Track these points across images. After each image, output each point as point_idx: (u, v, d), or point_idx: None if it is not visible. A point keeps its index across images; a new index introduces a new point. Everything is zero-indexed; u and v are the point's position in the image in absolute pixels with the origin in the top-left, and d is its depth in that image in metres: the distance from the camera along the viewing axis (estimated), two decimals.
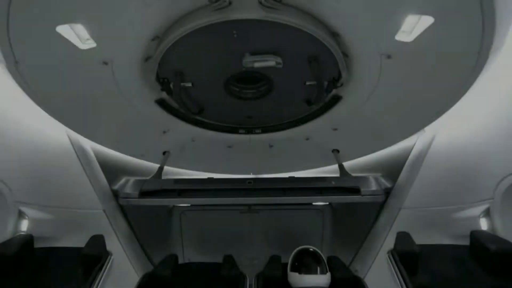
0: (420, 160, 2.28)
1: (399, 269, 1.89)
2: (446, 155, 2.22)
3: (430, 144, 2.24)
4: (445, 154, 2.22)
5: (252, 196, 2.43)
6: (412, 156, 2.40)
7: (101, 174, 2.50)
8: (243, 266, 3.22)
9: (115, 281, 2.51)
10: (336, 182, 2.45)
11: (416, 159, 2.34)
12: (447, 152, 2.21)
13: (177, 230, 3.43)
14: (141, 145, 2.69)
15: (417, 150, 2.36)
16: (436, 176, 2.26)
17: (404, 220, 2.42)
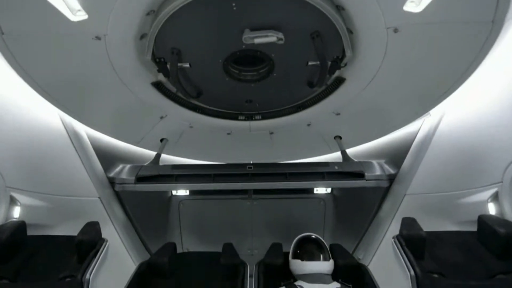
0: (426, 145, 2.21)
1: (405, 254, 1.82)
2: (452, 138, 2.14)
3: (436, 127, 2.17)
4: (452, 137, 2.14)
5: (253, 181, 2.35)
6: (417, 140, 2.33)
7: (96, 161, 2.42)
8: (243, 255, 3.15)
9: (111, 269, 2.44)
10: (340, 167, 2.38)
11: (421, 143, 2.27)
12: (454, 135, 2.14)
13: (176, 219, 3.36)
14: (137, 131, 2.61)
15: (422, 134, 2.29)
16: (442, 160, 2.19)
17: (409, 206, 2.35)
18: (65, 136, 2.17)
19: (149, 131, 2.63)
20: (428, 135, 2.20)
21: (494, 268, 1.87)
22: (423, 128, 2.29)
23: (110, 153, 2.69)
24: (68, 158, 2.21)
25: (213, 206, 3.37)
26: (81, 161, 2.22)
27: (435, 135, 2.15)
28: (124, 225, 2.58)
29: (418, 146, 2.29)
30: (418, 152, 2.26)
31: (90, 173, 2.29)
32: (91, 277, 1.70)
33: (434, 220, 2.31)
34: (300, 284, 1.94)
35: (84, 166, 2.25)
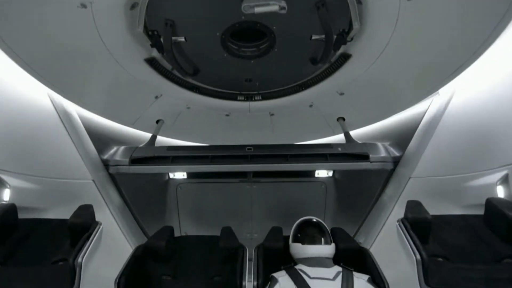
0: (434, 125, 2.11)
1: (411, 237, 1.75)
2: (462, 118, 2.04)
3: (446, 107, 2.06)
4: (461, 117, 2.04)
5: (252, 163, 2.26)
6: (424, 121, 2.23)
7: (89, 142, 2.32)
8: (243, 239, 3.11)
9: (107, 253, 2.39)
10: (343, 148, 2.29)
11: (428, 124, 2.17)
12: (463, 115, 2.04)
13: (173, 203, 3.30)
14: (131, 112, 2.50)
15: (430, 115, 2.18)
16: (450, 142, 2.09)
17: (413, 189, 2.28)
18: (54, 115, 2.06)
19: (144, 111, 2.52)
20: (436, 116, 2.10)
21: (501, 252, 1.81)
22: (431, 108, 2.18)
23: (104, 135, 2.59)
24: (59, 139, 2.10)
25: (211, 189, 3.30)
26: (72, 142, 2.12)
27: (444, 115, 2.04)
28: (120, 208, 2.51)
29: (425, 127, 2.19)
30: (425, 133, 2.16)
31: (83, 155, 2.19)
32: (83, 261, 1.64)
33: (439, 204, 2.24)
34: (301, 268, 1.88)
35: (76, 147, 2.15)
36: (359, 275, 1.88)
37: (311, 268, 1.88)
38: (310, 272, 1.83)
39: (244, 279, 1.88)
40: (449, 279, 1.64)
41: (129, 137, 2.78)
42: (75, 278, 1.61)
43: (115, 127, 2.70)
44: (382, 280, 1.86)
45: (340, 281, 1.76)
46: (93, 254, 1.83)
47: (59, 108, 2.10)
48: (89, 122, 2.41)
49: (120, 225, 2.44)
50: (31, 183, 2.15)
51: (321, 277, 1.79)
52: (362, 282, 1.80)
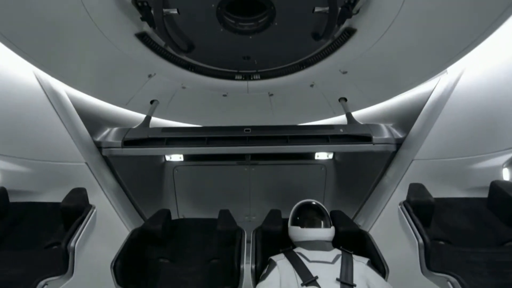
0: (440, 106, 2.02)
1: (413, 221, 1.71)
2: (469, 99, 1.95)
3: (453, 86, 1.96)
4: (469, 97, 1.95)
5: (250, 145, 2.18)
6: (430, 101, 2.13)
7: (81, 124, 2.22)
8: (241, 221, 3.09)
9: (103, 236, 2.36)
10: (345, 130, 2.20)
11: (435, 104, 2.08)
12: (471, 95, 1.94)
13: (171, 186, 3.26)
14: (124, 92, 2.38)
15: (437, 94, 2.08)
16: (456, 123, 2.01)
17: (416, 172, 2.22)
18: (42, 95, 1.95)
19: (137, 91, 2.41)
20: (443, 95, 2.00)
21: (504, 235, 1.78)
22: (439, 87, 2.08)
23: (96, 116, 2.49)
24: (47, 120, 2.01)
25: (209, 172, 3.25)
26: (62, 124, 2.03)
27: (452, 94, 1.94)
28: (115, 191, 2.45)
29: (431, 107, 2.09)
30: (430, 113, 2.07)
31: (74, 136, 2.10)
32: (76, 245, 1.60)
33: (442, 187, 2.19)
34: (300, 251, 1.86)
35: (67, 129, 2.05)
36: (358, 258, 1.86)
37: (310, 251, 1.85)
38: (309, 256, 1.81)
39: (242, 262, 1.86)
40: (451, 263, 1.61)
41: (123, 118, 2.68)
42: (68, 263, 1.58)
43: (108, 108, 2.59)
44: (382, 263, 1.84)
45: (340, 264, 1.74)
46: (87, 238, 1.79)
47: (46, 87, 1.99)
48: (80, 103, 2.30)
49: (116, 208, 2.40)
50: (21, 165, 2.08)
51: (320, 261, 1.77)
52: (361, 265, 1.78)
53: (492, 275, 1.54)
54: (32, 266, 1.57)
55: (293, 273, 1.69)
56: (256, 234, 2.11)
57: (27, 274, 1.51)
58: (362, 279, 1.67)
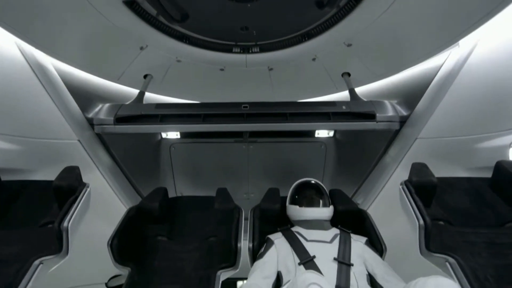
0: (449, 81, 1.91)
1: (414, 201, 1.67)
2: (481, 74, 1.83)
3: (465, 60, 1.83)
4: (481, 73, 1.83)
5: (248, 122, 2.09)
6: (439, 76, 2.01)
7: (71, 99, 2.12)
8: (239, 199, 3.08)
9: (100, 214, 2.35)
10: (347, 107, 2.10)
11: (444, 80, 1.96)
12: (483, 70, 1.82)
13: (167, 164, 3.21)
14: (115, 65, 2.25)
15: (446, 69, 1.96)
16: (465, 100, 1.91)
17: (419, 151, 2.16)
18: (26, 69, 1.84)
19: (129, 65, 2.27)
20: (453, 70, 1.88)
21: (505, 216, 1.76)
22: (449, 61, 1.95)
23: (87, 91, 2.38)
24: (35, 96, 1.91)
25: (206, 149, 3.18)
26: (51, 99, 1.93)
27: (462, 70, 1.83)
28: (110, 169, 2.40)
29: (439, 83, 1.98)
30: (438, 90, 1.97)
31: (65, 113, 2.01)
32: (69, 225, 1.57)
33: (445, 166, 2.14)
34: (297, 230, 1.85)
35: (56, 104, 1.96)
36: (356, 237, 1.85)
37: (308, 230, 1.84)
38: (307, 235, 1.80)
39: (239, 241, 1.85)
40: (450, 243, 1.59)
41: (116, 94, 2.57)
42: (62, 242, 1.56)
43: (100, 82, 2.47)
44: (380, 242, 1.84)
45: (338, 244, 1.73)
46: (82, 217, 1.77)
47: (31, 60, 1.86)
48: (69, 77, 2.18)
49: (112, 186, 2.37)
50: (11, 143, 2.01)
51: (318, 240, 1.76)
52: (359, 245, 1.78)
53: (492, 255, 1.53)
54: (27, 245, 1.56)
55: (290, 252, 1.68)
56: (254, 213, 2.10)
57: (22, 253, 1.50)
58: (359, 258, 1.67)
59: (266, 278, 1.58)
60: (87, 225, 2.00)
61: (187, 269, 1.84)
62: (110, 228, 1.92)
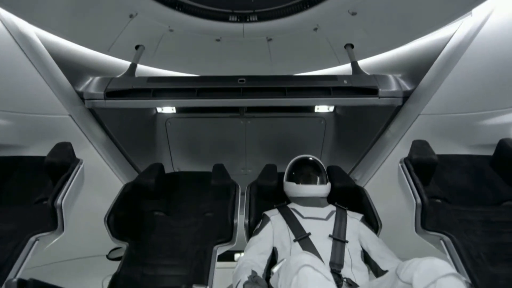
0: (458, 54, 1.79)
1: (413, 179, 1.65)
2: (493, 46, 1.71)
3: (477, 32, 1.70)
4: (493, 45, 1.71)
5: (245, 97, 2.01)
6: (447, 49, 1.89)
7: (59, 72, 2.02)
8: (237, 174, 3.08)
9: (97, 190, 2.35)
10: (349, 81, 2.01)
11: (452, 53, 1.85)
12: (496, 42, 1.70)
13: (163, 139, 3.16)
14: (104, 35, 2.12)
15: (456, 41, 1.84)
16: (473, 74, 1.81)
17: (421, 128, 2.09)
18: (8, 39, 1.72)
19: (118, 34, 2.14)
20: (464, 42, 1.76)
21: (503, 195, 1.74)
22: (460, 32, 1.82)
23: (76, 63, 2.27)
24: (19, 68, 1.80)
25: (203, 124, 3.12)
26: (37, 71, 1.83)
27: (473, 41, 1.70)
28: (105, 145, 2.36)
29: (447, 55, 1.87)
30: (446, 63, 1.86)
31: (53, 86, 1.92)
32: (63, 202, 1.56)
33: (446, 143, 2.09)
34: (294, 207, 1.85)
35: (43, 77, 1.86)
36: (352, 214, 1.85)
37: (304, 207, 1.84)
38: (303, 212, 1.80)
39: (235, 217, 1.86)
40: (445, 221, 1.59)
41: (107, 66, 2.45)
42: (57, 219, 1.56)
43: (89, 54, 2.34)
44: (376, 219, 1.84)
45: (333, 221, 1.74)
46: (76, 194, 1.76)
47: (13, 30, 1.74)
48: (56, 48, 2.06)
49: (108, 161, 2.34)
50: None
51: (314, 217, 1.76)
52: (355, 222, 1.78)
53: (486, 234, 1.54)
54: (23, 222, 1.56)
55: (286, 229, 1.69)
56: (251, 189, 2.09)
57: (18, 230, 1.50)
58: (354, 235, 1.68)
59: (261, 254, 1.60)
60: (85, 200, 2.01)
61: (184, 244, 1.87)
62: (108, 203, 1.92)
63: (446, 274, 0.93)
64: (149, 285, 1.66)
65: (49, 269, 2.72)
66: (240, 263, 1.52)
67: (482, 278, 1.29)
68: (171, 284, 1.65)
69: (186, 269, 1.72)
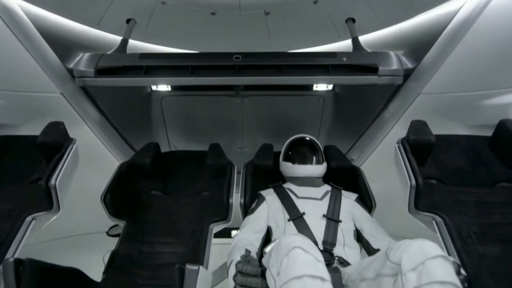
0: (463, 30, 1.70)
1: (409, 161, 1.63)
2: (501, 21, 1.62)
3: (485, 6, 1.61)
4: (501, 20, 1.62)
5: (240, 75, 1.94)
6: (453, 24, 1.80)
7: (46, 47, 1.93)
8: (233, 153, 3.07)
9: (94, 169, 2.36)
10: (348, 58, 1.93)
11: (457, 28, 1.76)
12: (505, 16, 1.61)
13: (159, 117, 3.12)
14: (92, 7, 2.01)
15: (462, 15, 1.74)
16: (478, 52, 1.73)
17: (420, 107, 2.05)
18: None
19: (108, 7, 2.03)
20: (470, 16, 1.66)
21: (499, 176, 1.74)
22: (467, 6, 1.72)
23: (65, 38, 2.17)
24: (4, 43, 1.72)
25: (200, 102, 3.06)
26: (23, 47, 1.74)
27: (481, 16, 1.61)
28: (100, 124, 2.32)
29: (452, 32, 1.78)
30: (450, 39, 1.77)
31: (41, 63, 1.84)
32: (57, 182, 1.56)
33: (446, 123, 2.05)
34: (289, 186, 1.85)
35: (30, 53, 1.78)
36: (347, 194, 1.86)
37: (300, 187, 1.85)
38: (298, 192, 1.81)
39: (231, 196, 1.87)
40: (439, 202, 1.60)
41: (98, 41, 2.35)
42: (52, 200, 1.57)
43: (79, 28, 2.24)
44: (370, 199, 1.86)
45: (328, 201, 1.75)
46: (71, 173, 1.75)
47: None
48: (42, 22, 1.96)
49: (103, 141, 2.32)
50: None
51: (308, 197, 1.77)
52: (349, 201, 1.80)
53: (478, 214, 1.55)
54: (19, 202, 1.57)
55: (280, 209, 1.71)
56: (247, 169, 2.09)
57: (14, 209, 1.52)
58: (348, 215, 1.70)
59: (256, 233, 1.63)
60: (82, 179, 2.01)
61: (181, 222, 1.90)
62: (106, 181, 1.92)
63: (435, 256, 0.94)
64: (147, 261, 1.71)
65: (48, 246, 2.80)
66: (235, 241, 1.55)
67: (471, 258, 1.31)
68: (168, 261, 1.70)
69: (183, 247, 1.76)
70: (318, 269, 0.98)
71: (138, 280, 1.60)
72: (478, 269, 1.27)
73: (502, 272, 1.29)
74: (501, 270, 1.30)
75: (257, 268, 1.18)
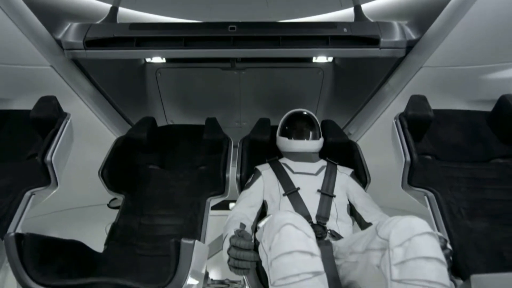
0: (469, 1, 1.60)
1: (405, 136, 1.62)
2: None
3: None
4: None
5: (236, 47, 1.86)
6: None
7: (32, 16, 1.83)
8: (231, 127, 3.05)
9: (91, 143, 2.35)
10: (349, 29, 1.84)
11: None
12: None
13: (155, 91, 3.05)
14: None
15: None
16: (485, 23, 1.64)
17: (421, 81, 1.99)
18: None
19: None
20: None
21: (494, 152, 1.74)
22: None
23: (52, 7, 2.06)
24: None
25: (196, 75, 2.97)
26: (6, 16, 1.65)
27: None
28: (93, 97, 2.28)
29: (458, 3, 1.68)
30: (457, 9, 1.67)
31: (28, 33, 1.75)
32: (53, 158, 1.56)
33: (446, 98, 2.01)
34: (285, 162, 1.86)
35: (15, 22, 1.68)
36: (343, 169, 1.88)
37: (296, 162, 1.86)
38: (294, 167, 1.82)
39: (227, 171, 1.89)
40: (432, 178, 1.62)
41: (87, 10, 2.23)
42: (49, 175, 1.58)
43: None
44: (365, 174, 1.88)
45: (323, 176, 1.77)
46: (67, 148, 1.75)
47: None
48: None
49: (98, 115, 2.29)
50: None
51: (304, 172, 1.79)
52: (344, 177, 1.82)
53: (470, 190, 1.57)
54: (17, 177, 1.58)
55: (276, 183, 1.73)
56: (243, 144, 2.09)
57: (13, 185, 1.53)
58: (342, 190, 1.73)
59: (251, 207, 1.67)
60: (79, 154, 2.01)
61: (178, 196, 1.94)
62: (103, 155, 1.93)
63: (421, 233, 0.96)
64: (147, 233, 1.77)
65: (52, 218, 2.88)
66: (231, 215, 1.59)
67: (458, 232, 1.35)
68: (167, 233, 1.76)
69: (181, 219, 1.81)
70: (308, 245, 1.01)
71: (138, 251, 1.67)
72: (464, 242, 1.32)
73: (487, 244, 1.34)
74: (486, 243, 1.35)
75: (250, 242, 1.23)
